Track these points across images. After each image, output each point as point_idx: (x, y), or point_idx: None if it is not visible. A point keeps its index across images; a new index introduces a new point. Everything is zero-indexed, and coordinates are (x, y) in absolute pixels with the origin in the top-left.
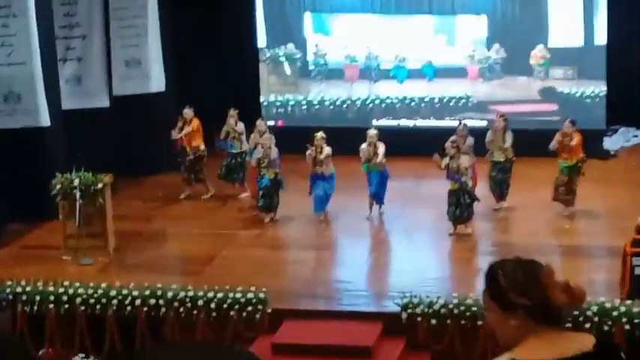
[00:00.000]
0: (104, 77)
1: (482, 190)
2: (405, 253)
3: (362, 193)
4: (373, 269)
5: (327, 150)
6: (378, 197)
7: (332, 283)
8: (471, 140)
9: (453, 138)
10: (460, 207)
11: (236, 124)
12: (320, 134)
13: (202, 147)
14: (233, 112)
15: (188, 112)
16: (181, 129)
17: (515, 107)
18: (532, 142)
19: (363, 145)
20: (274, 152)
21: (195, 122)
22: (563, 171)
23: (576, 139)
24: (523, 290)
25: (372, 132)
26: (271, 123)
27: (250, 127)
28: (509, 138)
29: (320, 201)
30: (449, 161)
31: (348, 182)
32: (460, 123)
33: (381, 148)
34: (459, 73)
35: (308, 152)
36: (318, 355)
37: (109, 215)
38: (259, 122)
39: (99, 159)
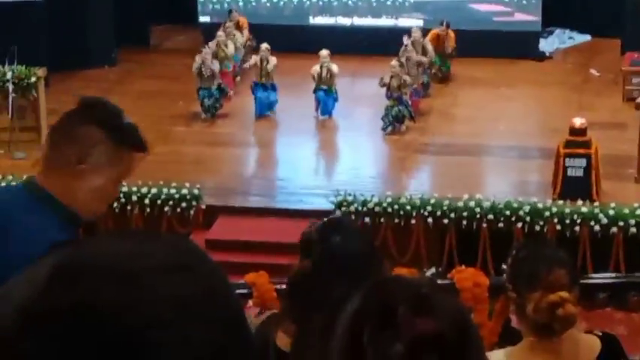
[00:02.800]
0: None
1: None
2: (341, 151)
3: (301, 93)
4: (308, 167)
5: (274, 61)
6: (328, 113)
7: (267, 181)
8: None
9: (403, 48)
10: (398, 109)
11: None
12: (265, 45)
13: None
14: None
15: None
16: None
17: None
18: (467, 42)
19: (316, 68)
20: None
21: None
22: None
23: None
24: (514, 285)
25: (324, 52)
26: (207, 19)
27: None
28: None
29: (261, 104)
30: (390, 80)
31: (288, 81)
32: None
33: (334, 68)
34: None
35: (251, 63)
36: (251, 252)
37: (42, 109)
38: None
39: (31, 52)
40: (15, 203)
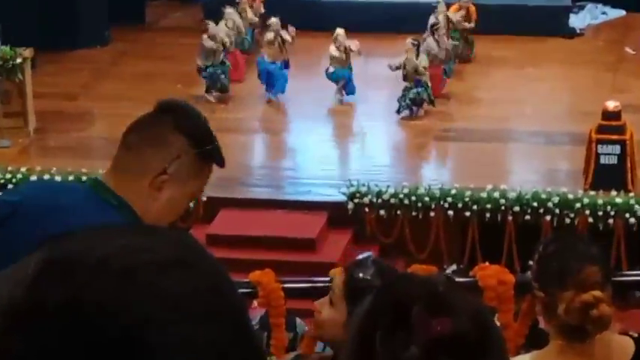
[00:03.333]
0: None
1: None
2: (354, 138)
3: (312, 75)
4: (319, 156)
5: (289, 36)
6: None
7: (274, 170)
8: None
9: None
10: (417, 92)
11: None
12: (274, 20)
13: None
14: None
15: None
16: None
17: None
18: (492, 18)
19: (333, 50)
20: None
21: None
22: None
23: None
24: (542, 284)
25: (340, 31)
26: None
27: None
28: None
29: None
30: (404, 62)
31: (298, 61)
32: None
33: (354, 45)
34: None
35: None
36: (256, 248)
37: (29, 93)
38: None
39: (16, 32)
40: (87, 207)
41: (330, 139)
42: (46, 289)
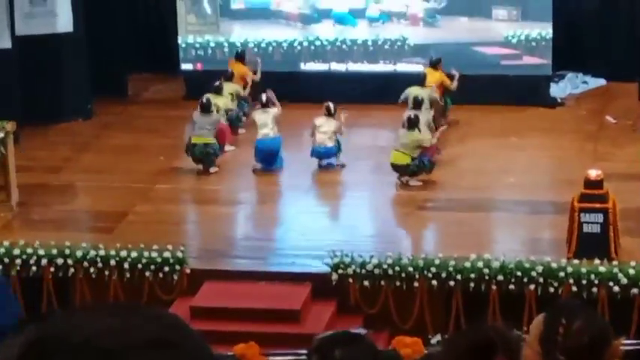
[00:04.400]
0: (5, 15)
1: None
2: (337, 208)
3: (292, 145)
4: (302, 226)
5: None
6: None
7: (257, 242)
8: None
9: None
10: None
11: None
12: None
13: None
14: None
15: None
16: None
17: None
18: (472, 88)
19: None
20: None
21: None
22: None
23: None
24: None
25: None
26: (189, 66)
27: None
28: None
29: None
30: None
31: (284, 133)
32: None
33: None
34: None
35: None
36: (241, 320)
37: (11, 166)
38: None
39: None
40: None
41: (313, 210)
42: None
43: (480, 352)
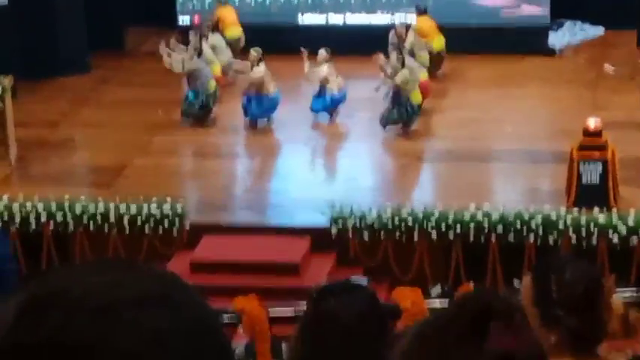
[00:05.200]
0: None
1: None
2: (336, 160)
3: (291, 98)
4: (301, 179)
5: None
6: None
7: (256, 195)
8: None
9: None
10: (399, 108)
11: None
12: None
13: None
14: None
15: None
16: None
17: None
18: (470, 38)
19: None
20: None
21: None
22: None
23: None
24: (577, 310)
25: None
26: (187, 18)
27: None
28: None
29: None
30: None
31: (281, 85)
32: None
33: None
34: None
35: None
36: (240, 273)
37: (9, 121)
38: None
39: None
40: None
41: (313, 162)
42: (26, 329)
43: (478, 319)
